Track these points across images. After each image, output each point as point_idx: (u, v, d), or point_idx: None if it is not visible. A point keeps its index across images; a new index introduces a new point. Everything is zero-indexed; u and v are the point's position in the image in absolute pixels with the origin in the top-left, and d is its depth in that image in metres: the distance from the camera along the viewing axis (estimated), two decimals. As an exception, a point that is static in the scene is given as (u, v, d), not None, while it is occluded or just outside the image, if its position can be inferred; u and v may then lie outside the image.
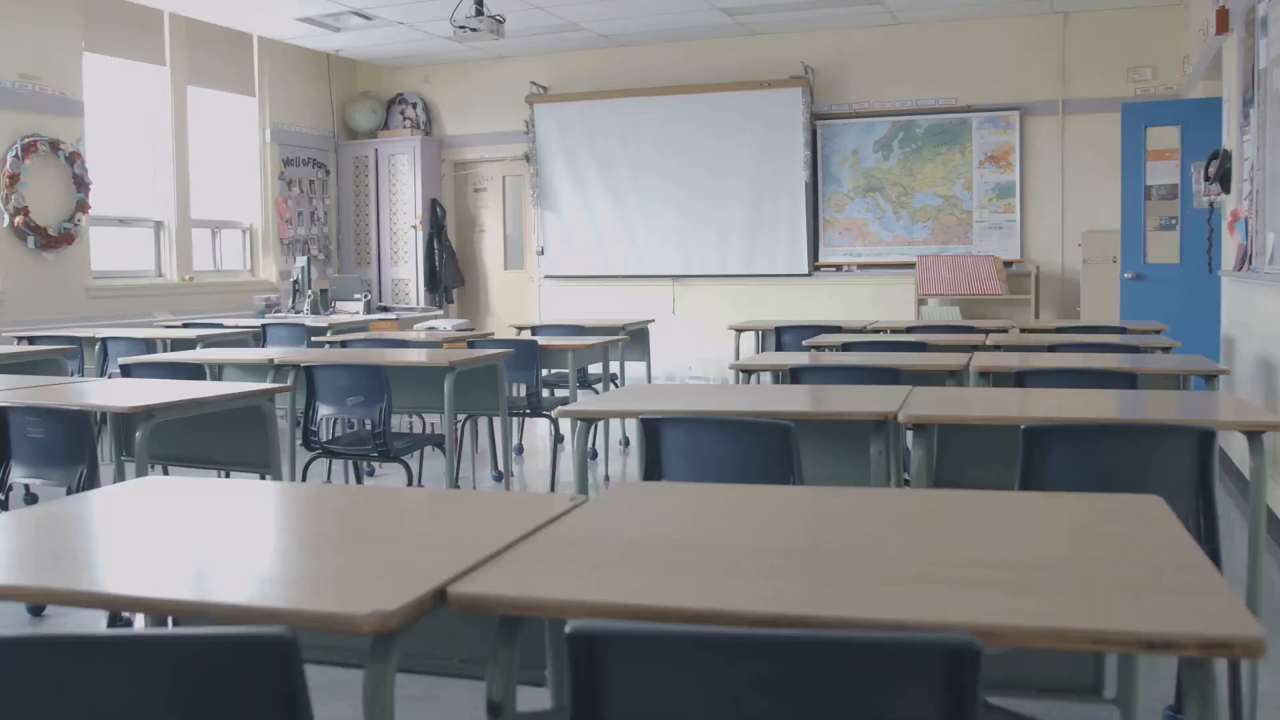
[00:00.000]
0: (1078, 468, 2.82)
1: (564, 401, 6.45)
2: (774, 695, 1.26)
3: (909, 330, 6.69)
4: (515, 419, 6.94)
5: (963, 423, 3.17)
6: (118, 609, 1.53)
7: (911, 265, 10.48)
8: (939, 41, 10.54)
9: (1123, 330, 6.33)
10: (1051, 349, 5.13)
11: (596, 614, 1.38)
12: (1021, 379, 4.02)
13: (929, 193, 10.65)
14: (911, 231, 10.72)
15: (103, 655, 1.36)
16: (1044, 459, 2.79)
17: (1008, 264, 10.25)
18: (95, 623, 4.07)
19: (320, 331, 7.82)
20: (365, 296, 10.62)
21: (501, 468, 6.54)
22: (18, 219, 8.64)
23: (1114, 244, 9.16)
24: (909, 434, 3.34)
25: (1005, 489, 2.51)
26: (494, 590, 1.46)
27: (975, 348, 5.28)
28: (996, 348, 5.38)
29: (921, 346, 5.33)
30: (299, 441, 5.14)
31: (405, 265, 12.30)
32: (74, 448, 3.58)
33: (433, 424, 7.65)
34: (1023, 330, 6.55)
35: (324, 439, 5.14)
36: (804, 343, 5.99)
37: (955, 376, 4.33)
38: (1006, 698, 1.95)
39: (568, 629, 1.27)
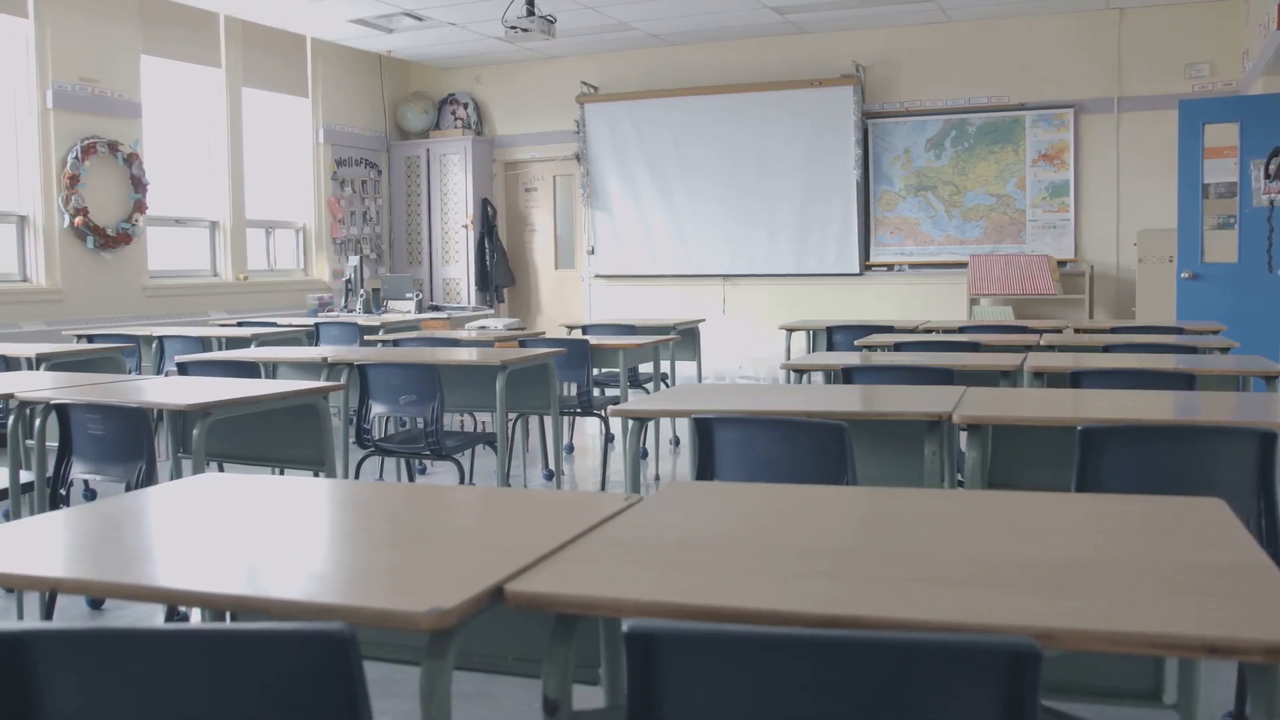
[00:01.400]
0: (1135, 470, 2.79)
1: (614, 401, 6.45)
2: (831, 696, 1.26)
3: (961, 330, 6.64)
4: (565, 418, 6.95)
5: (1018, 423, 3.14)
6: (179, 603, 1.55)
7: (963, 265, 10.40)
8: (991, 39, 10.45)
9: (1179, 330, 6.25)
10: (1107, 349, 5.07)
11: (653, 613, 1.39)
12: (1077, 380, 3.98)
13: (981, 191, 10.56)
14: (964, 231, 10.64)
15: (164, 649, 1.38)
16: (1100, 460, 2.76)
17: (1061, 263, 10.15)
18: (153, 617, 4.14)
19: (372, 330, 7.88)
20: (417, 296, 10.68)
21: (552, 466, 6.56)
22: (77, 219, 8.77)
23: (1170, 243, 9.04)
24: (962, 435, 3.31)
25: (1060, 491, 2.48)
26: (551, 588, 1.46)
27: (1029, 348, 5.23)
28: (1050, 348, 5.33)
29: (974, 347, 5.29)
30: (352, 439, 5.18)
31: (456, 265, 12.37)
32: (133, 444, 3.63)
33: (483, 423, 7.69)
34: (1077, 330, 6.47)
35: (376, 437, 5.18)
36: (855, 343, 5.96)
37: (1009, 377, 4.29)
38: (1063, 702, 1.93)
39: (626, 628, 1.27)
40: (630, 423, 3.37)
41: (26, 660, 1.39)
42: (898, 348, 5.40)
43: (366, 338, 7.51)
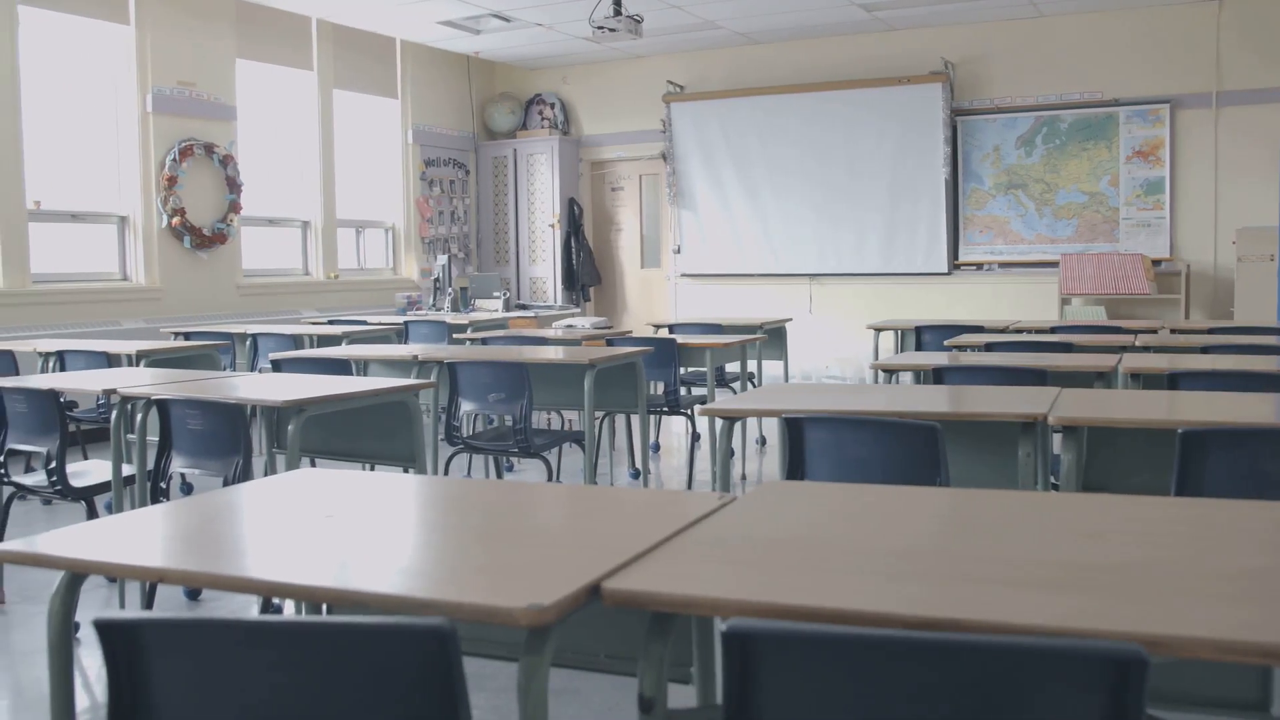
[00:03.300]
0: (1238, 474, 2.72)
1: (701, 400, 6.45)
2: (930, 700, 1.24)
3: (1053, 330, 6.53)
4: (651, 417, 6.96)
5: (1115, 425, 3.08)
6: (280, 596, 1.58)
7: (1054, 264, 10.24)
8: (1084, 33, 10.27)
9: (1281, 331, 6.10)
10: (1205, 350, 4.96)
11: (750, 613, 1.38)
12: (1174, 382, 3.89)
13: (1073, 189, 10.39)
14: (1055, 229, 10.47)
15: (269, 640, 1.41)
16: (1202, 464, 2.70)
17: (1156, 262, 9.94)
18: (247, 609, 4.22)
19: (460, 329, 7.96)
20: (504, 294, 10.77)
21: (639, 465, 6.57)
22: (175, 219, 8.97)
23: (1271, 241, 8.81)
24: (1055, 437, 3.26)
25: (1158, 495, 2.43)
26: (648, 586, 1.46)
27: (1124, 349, 5.13)
28: (1146, 349, 5.22)
29: (1067, 347, 5.21)
30: (440, 436, 5.23)
31: (543, 264, 12.44)
32: (231, 439, 3.70)
33: (570, 421, 7.73)
34: (1173, 331, 6.34)
35: (465, 434, 5.22)
36: (945, 343, 5.89)
37: (1104, 379, 4.21)
38: (1166, 711, 1.89)
39: (724, 627, 1.27)
40: (720, 422, 3.37)
41: (139, 646, 1.43)
42: (988, 348, 5.33)
43: (455, 336, 7.59)
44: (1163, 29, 10.01)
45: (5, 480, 4.33)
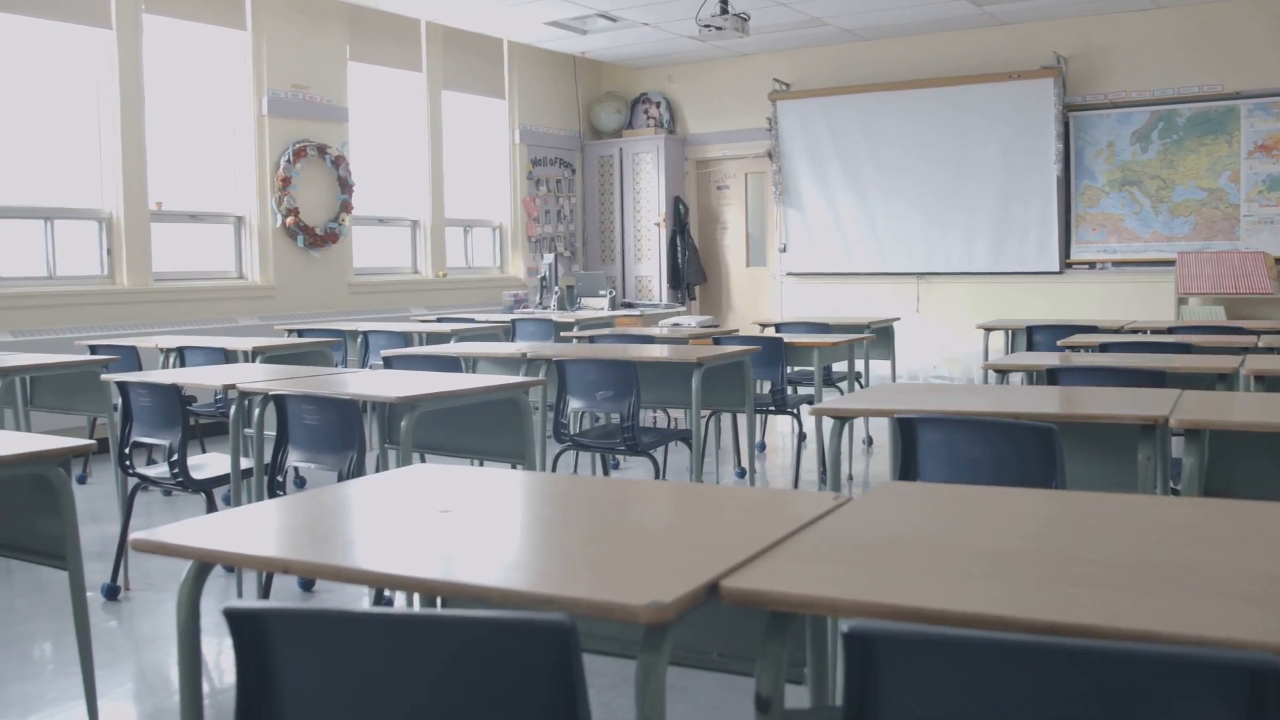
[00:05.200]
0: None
1: (808, 399, 6.41)
2: (1055, 707, 1.22)
3: (1170, 331, 6.38)
4: (757, 416, 6.94)
5: (1242, 429, 2.99)
6: (401, 589, 1.61)
7: (1171, 262, 9.98)
8: (1203, 24, 9.98)
9: None
10: (1333, 352, 4.81)
11: (869, 614, 1.37)
12: (1302, 383, 3.78)
13: (1191, 186, 10.11)
14: (1171, 227, 10.20)
15: (388, 632, 1.43)
16: (1334, 469, 2.61)
17: (1278, 261, 9.63)
18: (359, 600, 4.29)
19: (567, 327, 8.01)
20: (610, 293, 10.81)
21: (744, 464, 6.55)
22: (289, 219, 9.17)
23: (1403, 239, 8.50)
24: (1175, 440, 3.18)
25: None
26: (767, 586, 1.46)
27: (1246, 350, 4.99)
28: (1271, 350, 5.07)
29: (1186, 348, 5.08)
30: (548, 433, 5.27)
31: (648, 262, 12.47)
32: (346, 435, 3.77)
33: (675, 419, 7.74)
34: (1298, 331, 6.15)
35: (572, 432, 5.26)
36: (1058, 343, 5.79)
37: (1225, 380, 4.10)
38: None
39: (845, 628, 1.26)
40: (831, 421, 3.35)
41: (266, 635, 1.46)
42: (1103, 348, 5.22)
43: (561, 334, 7.64)
44: (1287, 20, 9.70)
45: (130, 471, 4.46)
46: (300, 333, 7.78)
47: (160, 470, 4.40)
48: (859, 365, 7.14)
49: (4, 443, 2.85)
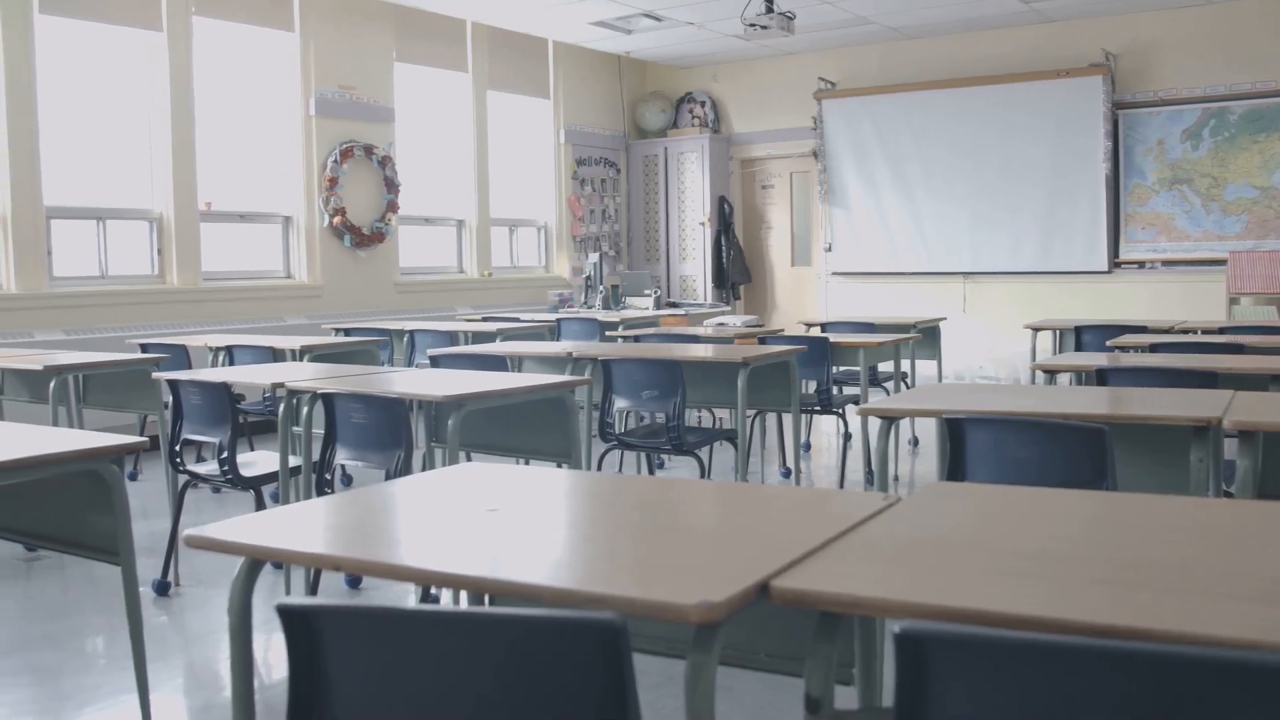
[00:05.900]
0: None
1: (854, 399, 6.38)
2: (1107, 711, 1.20)
3: (1222, 331, 6.29)
4: (803, 416, 6.92)
5: (1298, 430, 2.95)
6: (451, 586, 1.61)
7: (1222, 262, 9.85)
8: (1257, 19, 9.84)
9: None
10: (1390, 352, 4.72)
11: (921, 615, 1.36)
12: (1358, 385, 3.72)
13: (1243, 184, 9.98)
14: (1222, 226, 10.07)
15: (439, 629, 1.43)
16: (1392, 471, 2.57)
17: (1334, 260, 9.50)
18: (405, 598, 4.32)
19: (612, 326, 8.02)
20: (654, 292, 10.82)
21: (790, 463, 6.53)
22: (336, 219, 9.24)
23: None
24: (1228, 442, 3.13)
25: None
26: (817, 586, 1.45)
27: (1301, 350, 4.92)
28: (1325, 350, 4.99)
29: (1238, 349, 5.01)
30: (593, 432, 5.28)
31: (693, 262, 12.46)
32: (393, 433, 3.80)
33: (720, 419, 7.72)
34: (1354, 332, 6.05)
35: (618, 431, 5.26)
36: (1107, 343, 5.73)
37: (1279, 381, 4.04)
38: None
39: (897, 629, 1.25)
40: (879, 421, 3.33)
41: (318, 632, 1.47)
42: (1153, 349, 5.16)
43: (606, 333, 7.65)
44: (1342, 15, 9.55)
45: (180, 468, 4.51)
46: (347, 332, 7.83)
47: (210, 467, 4.44)
48: (905, 365, 7.09)
49: (58, 440, 2.89)
